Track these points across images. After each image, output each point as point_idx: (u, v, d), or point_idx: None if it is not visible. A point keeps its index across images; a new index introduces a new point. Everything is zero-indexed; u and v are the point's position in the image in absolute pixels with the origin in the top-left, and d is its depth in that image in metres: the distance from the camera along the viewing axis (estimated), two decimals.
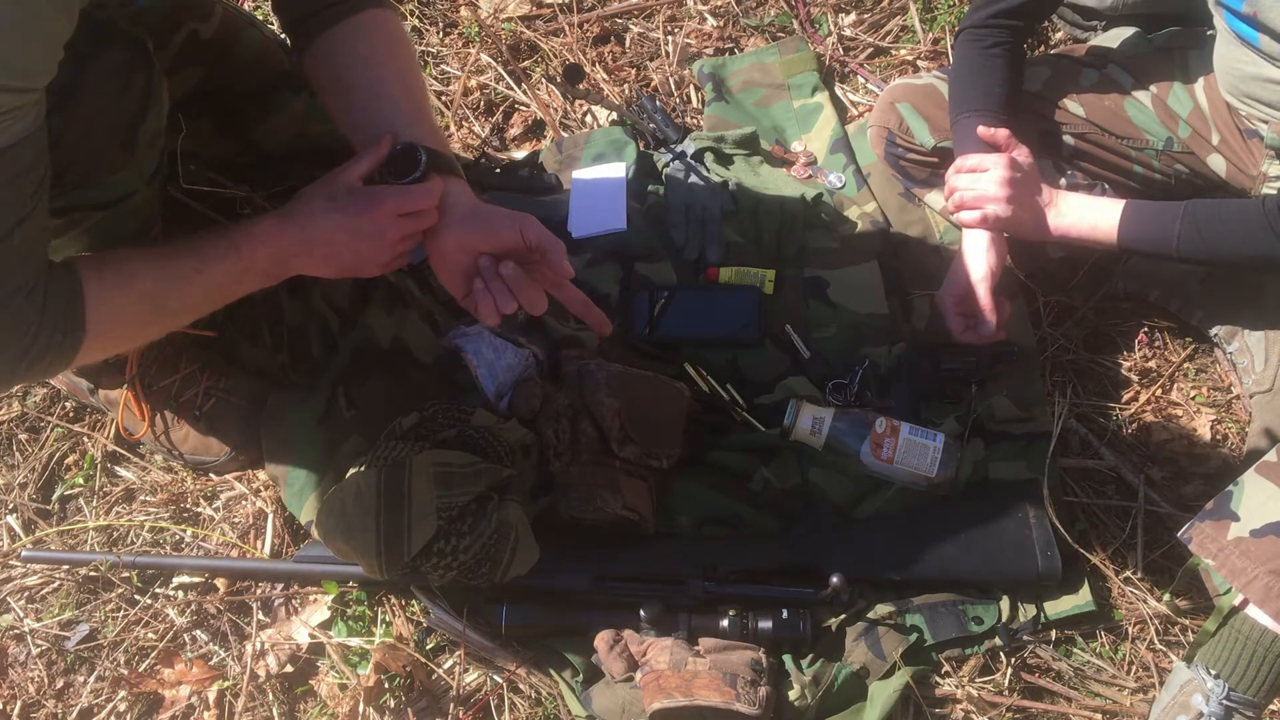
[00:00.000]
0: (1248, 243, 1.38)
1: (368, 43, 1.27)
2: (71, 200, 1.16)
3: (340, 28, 1.26)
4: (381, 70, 1.27)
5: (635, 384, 1.50)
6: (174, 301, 1.17)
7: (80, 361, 1.10)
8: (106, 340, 1.13)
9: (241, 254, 1.18)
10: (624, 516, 1.40)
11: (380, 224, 1.20)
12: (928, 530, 1.44)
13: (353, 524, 1.32)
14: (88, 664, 1.47)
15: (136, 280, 1.12)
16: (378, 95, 1.25)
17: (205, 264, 1.17)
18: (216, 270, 1.18)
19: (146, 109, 1.17)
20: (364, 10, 1.28)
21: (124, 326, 1.14)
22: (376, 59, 1.27)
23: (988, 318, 1.53)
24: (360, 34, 1.27)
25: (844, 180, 1.82)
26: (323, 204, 1.20)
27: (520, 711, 1.39)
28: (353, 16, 1.27)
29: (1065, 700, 1.40)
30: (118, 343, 1.21)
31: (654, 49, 2.06)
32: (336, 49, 1.27)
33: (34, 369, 1.06)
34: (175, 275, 1.16)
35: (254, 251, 1.19)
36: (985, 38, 1.56)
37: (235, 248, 1.18)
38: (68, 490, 1.60)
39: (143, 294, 1.13)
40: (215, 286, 1.19)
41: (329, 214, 1.20)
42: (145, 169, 1.24)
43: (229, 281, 1.20)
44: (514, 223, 1.22)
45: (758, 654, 1.34)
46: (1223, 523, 1.26)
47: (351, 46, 1.26)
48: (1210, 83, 1.57)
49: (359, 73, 1.26)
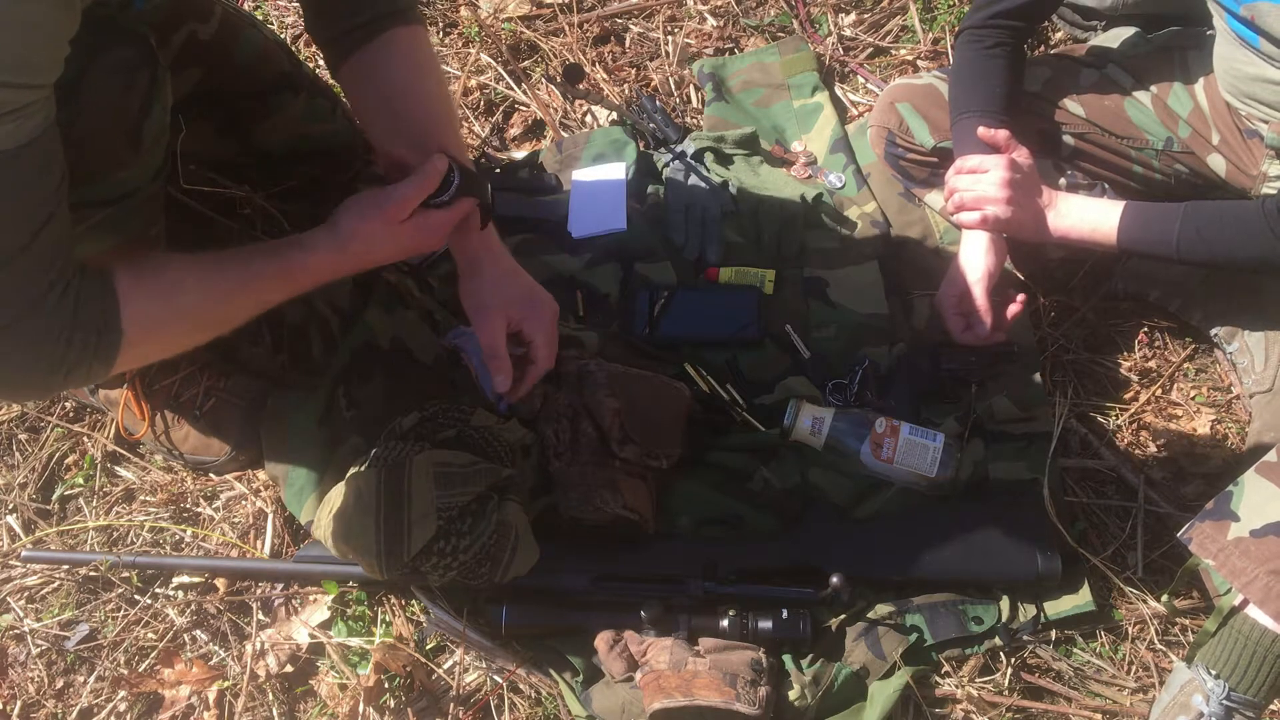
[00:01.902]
0: (1248, 244, 1.38)
1: (400, 60, 1.32)
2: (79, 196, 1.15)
3: (373, 45, 1.31)
4: (413, 87, 1.33)
5: (635, 384, 1.50)
6: (217, 317, 1.19)
7: (120, 367, 1.08)
8: (142, 350, 1.12)
9: (293, 279, 1.21)
10: (624, 516, 1.40)
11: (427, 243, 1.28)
12: (928, 530, 1.44)
13: (353, 524, 1.32)
14: (88, 664, 1.47)
15: (180, 293, 1.13)
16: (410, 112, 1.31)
17: (253, 282, 1.18)
18: (265, 290, 1.19)
19: (151, 106, 1.17)
20: (395, 28, 1.32)
21: (162, 337, 1.14)
22: (408, 77, 1.32)
23: (984, 319, 1.53)
24: (394, 52, 1.32)
25: (844, 180, 1.82)
26: (377, 227, 1.22)
27: (520, 711, 1.39)
28: (384, 34, 1.31)
29: (1065, 700, 1.40)
30: (156, 349, 1.20)
31: (654, 49, 2.06)
32: (370, 66, 1.31)
33: (74, 375, 1.04)
34: (222, 292, 1.16)
35: (302, 281, 1.22)
36: (986, 38, 1.56)
37: (287, 273, 1.20)
38: (68, 490, 1.60)
39: (185, 308, 1.13)
40: (258, 304, 1.21)
41: (382, 241, 1.24)
42: (151, 165, 1.24)
43: (273, 300, 1.22)
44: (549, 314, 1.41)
45: (758, 654, 1.34)
46: (1223, 523, 1.26)
47: (386, 64, 1.31)
48: (1210, 83, 1.57)
49: (392, 89, 1.31)
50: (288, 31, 2.12)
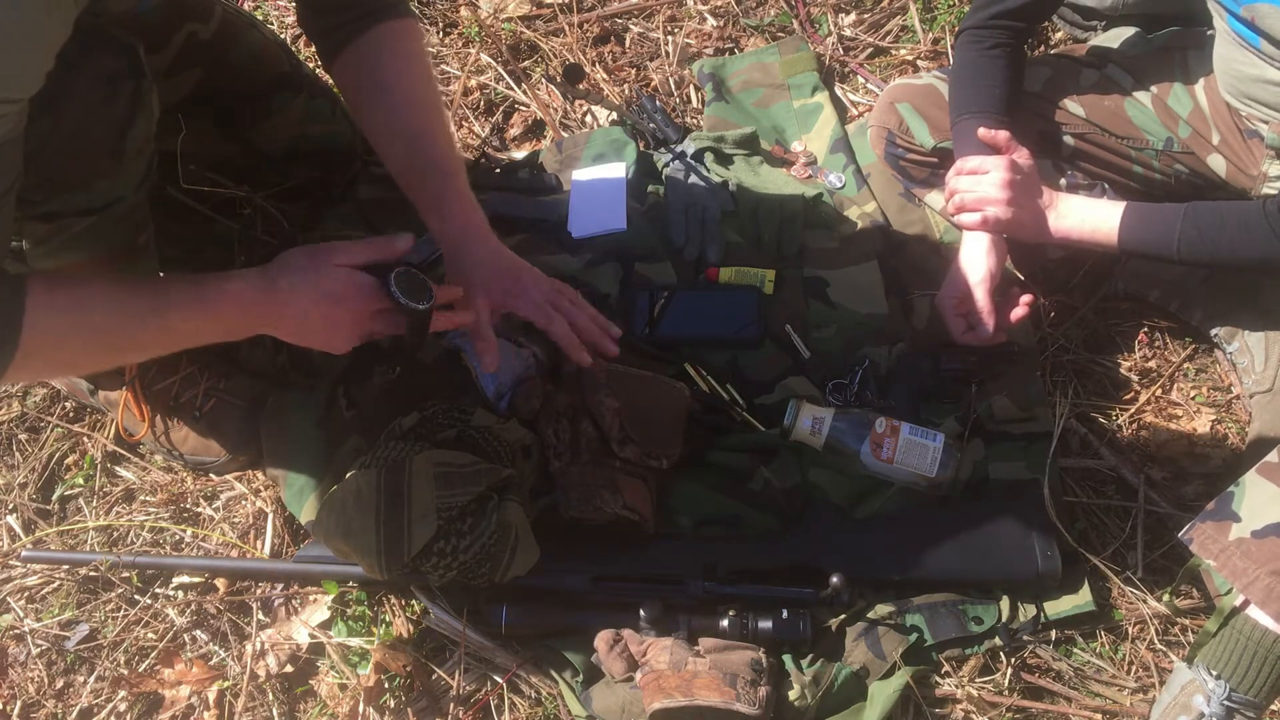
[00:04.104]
0: (1248, 245, 1.38)
1: (391, 53, 1.34)
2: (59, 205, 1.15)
3: (365, 39, 1.33)
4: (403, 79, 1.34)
5: (635, 384, 1.50)
6: (122, 340, 1.13)
7: (10, 378, 1.04)
8: (38, 363, 1.07)
9: (207, 308, 1.16)
10: (624, 516, 1.40)
11: (359, 315, 1.25)
12: (928, 530, 1.44)
13: (353, 524, 1.32)
14: (88, 664, 1.47)
15: (88, 310, 1.07)
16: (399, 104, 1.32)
17: (167, 309, 1.13)
18: (176, 318, 1.14)
19: (134, 116, 1.16)
20: (387, 21, 1.33)
21: (62, 353, 1.09)
22: (398, 69, 1.34)
23: (987, 320, 1.53)
24: (385, 45, 1.34)
25: (844, 180, 1.82)
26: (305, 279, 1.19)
27: (520, 711, 1.39)
28: (375, 27, 1.33)
29: (1065, 700, 1.40)
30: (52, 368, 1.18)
31: (654, 49, 2.06)
32: (361, 59, 1.33)
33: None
34: (131, 313, 1.11)
35: (220, 309, 1.17)
36: (986, 39, 1.56)
37: (201, 299, 1.15)
38: (68, 490, 1.60)
39: (91, 326, 1.08)
40: (171, 333, 1.16)
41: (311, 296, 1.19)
42: (134, 176, 1.23)
43: (188, 331, 1.17)
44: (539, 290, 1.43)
45: (758, 654, 1.34)
46: (1224, 523, 1.26)
47: (377, 56, 1.33)
48: (1210, 83, 1.57)
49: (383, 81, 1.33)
50: (288, 32, 2.12)
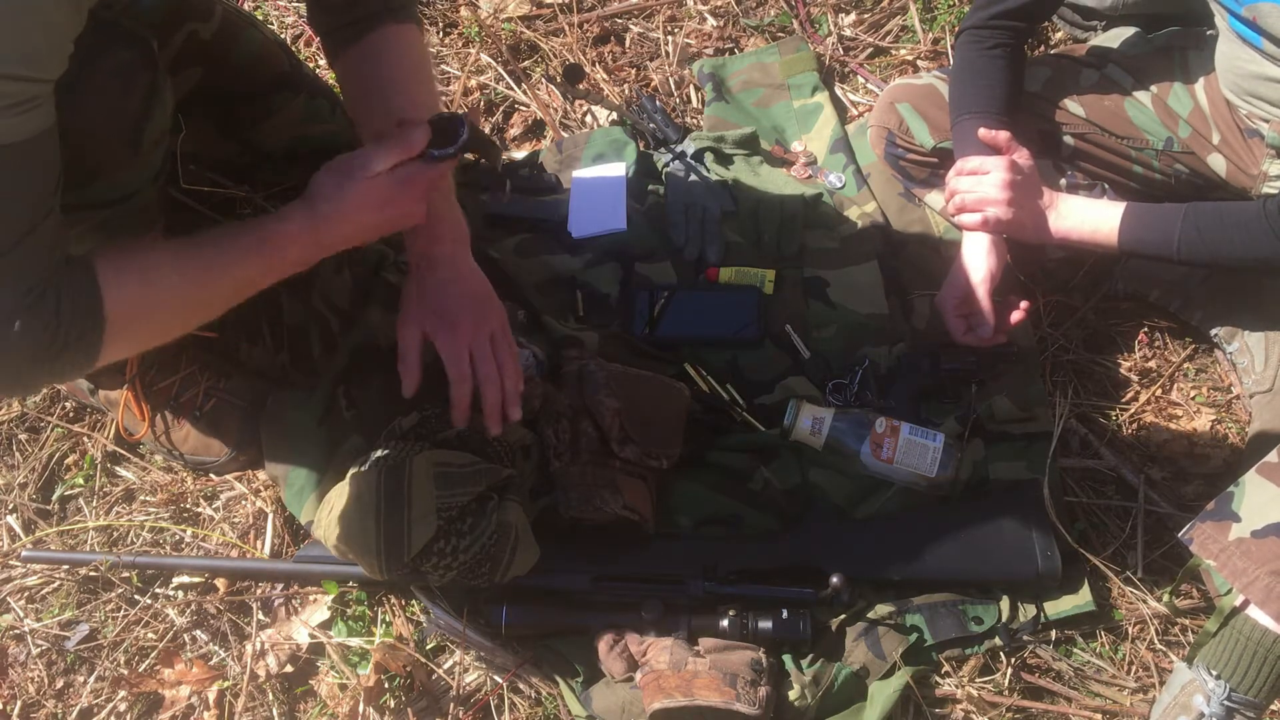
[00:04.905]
0: (1249, 245, 1.38)
1: (391, 55, 1.36)
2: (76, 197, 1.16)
3: (367, 40, 1.34)
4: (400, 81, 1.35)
5: (635, 384, 1.50)
6: (198, 296, 1.17)
7: (106, 359, 1.08)
8: (131, 335, 1.11)
9: (267, 250, 1.19)
10: (624, 516, 1.40)
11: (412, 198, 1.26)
12: (928, 530, 1.44)
13: (353, 524, 1.32)
14: (88, 664, 1.47)
15: (158, 275, 1.12)
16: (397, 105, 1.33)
17: (234, 260, 1.18)
18: (249, 267, 1.19)
19: (151, 108, 1.17)
20: (389, 24, 1.35)
21: (148, 320, 1.14)
22: (396, 71, 1.36)
23: (987, 321, 1.53)
24: (386, 47, 1.36)
25: (844, 180, 1.82)
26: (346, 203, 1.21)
27: (520, 711, 1.39)
28: (379, 29, 1.35)
29: (1065, 700, 1.40)
30: (144, 338, 1.20)
31: (654, 49, 2.06)
32: (362, 59, 1.35)
33: (57, 367, 1.04)
34: (201, 269, 1.16)
35: (285, 250, 1.21)
36: (986, 39, 1.56)
37: (260, 244, 1.19)
38: (68, 490, 1.60)
39: (168, 288, 1.13)
40: (238, 283, 1.20)
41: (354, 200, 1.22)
42: (150, 168, 1.24)
43: (253, 277, 1.21)
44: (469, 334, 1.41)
45: (758, 654, 1.34)
46: (1224, 523, 1.26)
47: (377, 58, 1.35)
48: (1210, 82, 1.57)
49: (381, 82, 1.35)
50: (288, 31, 2.12)
